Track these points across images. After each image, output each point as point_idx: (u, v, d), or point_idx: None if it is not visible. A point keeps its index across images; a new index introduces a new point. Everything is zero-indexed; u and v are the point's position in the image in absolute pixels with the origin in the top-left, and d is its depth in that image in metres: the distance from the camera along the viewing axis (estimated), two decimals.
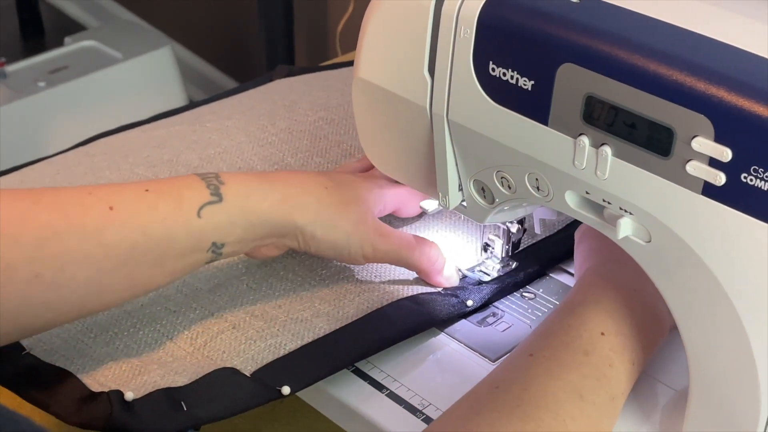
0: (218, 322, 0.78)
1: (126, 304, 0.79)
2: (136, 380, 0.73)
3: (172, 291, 0.81)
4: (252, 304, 0.80)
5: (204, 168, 0.93)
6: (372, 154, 0.81)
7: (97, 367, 0.74)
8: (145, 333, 0.78)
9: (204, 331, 0.78)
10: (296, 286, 0.82)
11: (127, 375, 0.74)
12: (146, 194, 0.73)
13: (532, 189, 0.69)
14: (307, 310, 0.80)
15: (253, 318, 0.79)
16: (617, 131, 0.62)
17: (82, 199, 0.71)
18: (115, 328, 0.78)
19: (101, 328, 0.78)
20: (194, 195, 0.73)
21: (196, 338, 0.77)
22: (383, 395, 0.75)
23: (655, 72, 0.60)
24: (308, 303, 0.81)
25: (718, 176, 0.59)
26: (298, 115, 1.00)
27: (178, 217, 0.72)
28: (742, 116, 0.57)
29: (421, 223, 0.89)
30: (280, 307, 0.80)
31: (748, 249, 0.59)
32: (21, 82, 2.00)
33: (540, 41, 0.64)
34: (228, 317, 0.79)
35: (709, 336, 0.64)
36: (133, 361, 0.75)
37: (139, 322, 0.79)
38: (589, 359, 0.69)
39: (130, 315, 0.79)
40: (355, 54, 0.77)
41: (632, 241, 0.65)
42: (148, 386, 0.72)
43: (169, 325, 0.79)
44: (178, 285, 0.82)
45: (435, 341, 0.79)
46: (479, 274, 0.84)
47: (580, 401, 0.67)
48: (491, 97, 0.68)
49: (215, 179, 0.75)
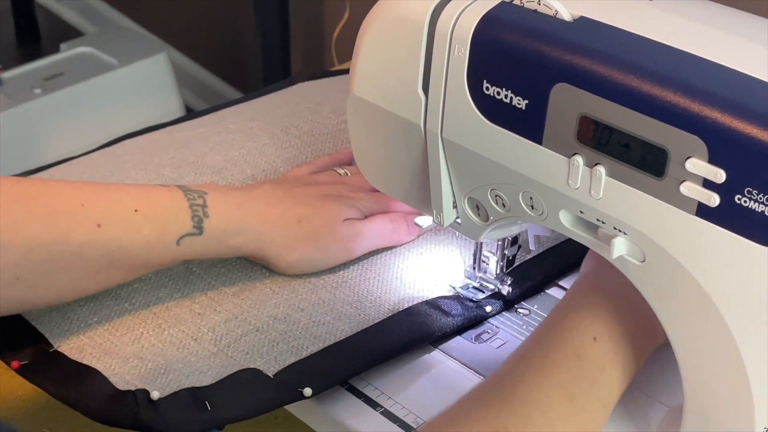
0: (242, 324, 0.80)
1: (152, 305, 0.82)
2: (161, 379, 0.74)
3: (198, 293, 0.83)
4: (275, 308, 0.81)
5: (228, 170, 0.94)
6: (367, 170, 0.81)
7: (124, 365, 0.75)
8: (170, 333, 0.79)
9: (228, 333, 0.79)
10: (318, 289, 0.84)
11: (153, 374, 0.74)
12: (134, 215, 0.78)
13: (527, 207, 0.69)
14: (329, 313, 0.81)
15: (275, 321, 0.80)
16: (611, 151, 0.62)
17: (74, 212, 0.76)
18: (141, 327, 0.80)
19: (127, 328, 0.79)
20: (178, 225, 0.79)
21: (220, 340, 0.78)
22: (377, 413, 0.75)
23: (649, 92, 0.60)
24: (330, 306, 0.82)
25: (712, 197, 0.59)
26: (321, 117, 1.02)
27: (158, 243, 0.79)
28: (737, 138, 0.57)
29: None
30: (302, 310, 0.81)
31: (741, 270, 0.59)
32: (17, 88, 2.00)
33: (534, 61, 0.64)
34: (251, 320, 0.80)
35: (702, 354, 0.64)
36: (158, 360, 0.76)
37: (164, 322, 0.80)
38: (580, 363, 0.69)
39: (156, 315, 0.81)
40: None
41: (626, 261, 0.65)
42: (173, 385, 0.73)
43: (193, 326, 0.80)
44: (203, 287, 0.84)
45: (429, 358, 0.79)
46: (473, 291, 0.84)
47: (569, 403, 0.67)
48: (485, 116, 0.68)
49: (201, 210, 0.79)
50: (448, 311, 0.81)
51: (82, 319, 0.80)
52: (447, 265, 0.87)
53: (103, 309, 0.81)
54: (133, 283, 0.83)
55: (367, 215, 0.88)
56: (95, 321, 0.80)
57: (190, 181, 0.93)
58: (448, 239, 0.89)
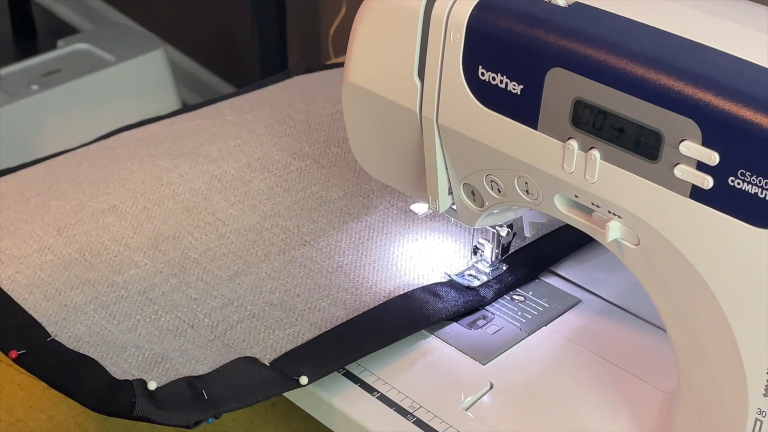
0: (238, 310, 0.80)
1: (148, 292, 0.82)
2: (158, 368, 0.74)
3: (193, 278, 0.83)
4: (271, 293, 0.82)
5: (224, 159, 0.95)
6: (362, 157, 0.81)
7: (121, 354, 0.76)
8: (166, 320, 0.79)
9: (224, 319, 0.79)
10: (314, 274, 0.84)
11: (150, 362, 0.75)
12: None
13: (522, 192, 0.70)
14: (325, 299, 0.81)
15: (271, 307, 0.80)
16: (606, 135, 0.63)
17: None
18: (138, 315, 0.80)
19: (124, 315, 0.80)
20: None
21: (217, 326, 0.79)
22: (374, 398, 0.75)
23: (643, 76, 0.60)
24: (326, 291, 0.82)
25: (705, 180, 0.59)
26: (316, 108, 1.02)
27: None
28: (730, 120, 0.57)
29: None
30: (298, 296, 0.81)
31: (735, 252, 0.60)
32: (14, 85, 2.00)
33: (529, 46, 0.65)
34: (248, 306, 0.80)
35: (696, 338, 0.64)
36: (155, 349, 0.76)
37: (161, 309, 0.80)
38: None
39: (152, 302, 0.81)
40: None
41: (621, 244, 0.66)
42: (170, 374, 0.73)
43: (190, 312, 0.80)
44: (199, 273, 0.84)
45: (425, 344, 0.80)
46: (469, 278, 0.84)
47: None
48: (481, 102, 0.68)
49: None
50: (443, 297, 0.81)
51: (80, 307, 0.80)
52: (443, 252, 0.87)
53: (100, 296, 0.81)
54: (129, 270, 0.84)
55: None
56: (92, 309, 0.80)
57: (185, 170, 0.93)
58: (444, 226, 0.89)
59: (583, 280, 0.86)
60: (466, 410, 0.74)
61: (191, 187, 0.92)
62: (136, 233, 0.88)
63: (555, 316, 0.82)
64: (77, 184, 0.93)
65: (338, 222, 0.90)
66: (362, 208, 0.91)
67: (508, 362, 0.78)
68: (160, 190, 0.92)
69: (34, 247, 0.86)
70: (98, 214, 0.89)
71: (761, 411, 0.62)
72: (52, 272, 0.83)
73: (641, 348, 0.79)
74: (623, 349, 0.79)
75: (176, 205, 0.90)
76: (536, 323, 0.81)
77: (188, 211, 0.90)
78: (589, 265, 0.87)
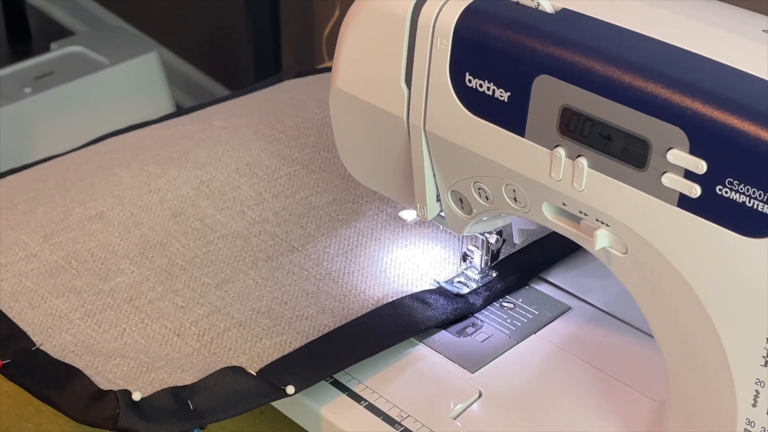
0: (225, 319, 0.79)
1: (134, 299, 0.81)
2: (143, 378, 0.73)
3: (180, 286, 0.83)
4: (258, 301, 0.81)
5: (212, 165, 0.94)
6: (350, 164, 0.81)
7: (106, 363, 0.75)
8: (153, 329, 0.79)
9: (211, 327, 0.79)
10: (302, 281, 0.83)
11: (135, 372, 0.74)
12: None
13: (510, 200, 0.69)
14: (313, 306, 0.81)
15: (259, 315, 0.80)
16: (593, 143, 0.62)
17: None
18: (124, 323, 0.79)
19: (110, 324, 0.79)
20: None
21: (203, 335, 0.78)
22: (362, 407, 0.75)
23: (630, 84, 0.60)
24: (314, 299, 0.81)
25: (693, 188, 0.59)
26: (306, 113, 1.02)
27: None
28: (718, 129, 0.57)
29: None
30: (286, 303, 0.81)
31: (723, 260, 0.59)
32: (7, 87, 1.99)
33: (516, 53, 0.64)
34: (234, 314, 0.80)
35: (686, 345, 0.64)
36: (141, 358, 0.75)
37: (147, 317, 0.80)
38: None
39: (139, 310, 0.80)
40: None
41: (609, 253, 0.65)
42: (155, 384, 0.72)
43: (176, 320, 0.79)
44: (186, 280, 0.83)
45: (413, 352, 0.79)
46: (458, 286, 0.84)
47: None
48: (468, 109, 0.68)
49: None
50: (432, 305, 0.81)
51: (65, 315, 0.79)
52: (432, 259, 0.86)
53: (86, 304, 0.80)
54: (116, 277, 0.83)
55: None
56: (77, 317, 0.79)
57: (173, 176, 0.93)
58: (433, 232, 0.89)
59: (573, 287, 0.85)
60: (454, 419, 0.74)
61: (179, 193, 0.92)
62: (123, 240, 0.87)
63: (545, 324, 0.82)
64: (65, 191, 0.93)
65: (327, 228, 0.89)
66: (351, 214, 0.91)
67: (498, 370, 0.78)
68: (148, 196, 0.91)
69: (19, 254, 0.85)
70: (85, 221, 0.89)
71: (750, 421, 0.62)
72: (38, 280, 0.83)
73: (631, 356, 0.79)
74: (613, 356, 0.79)
75: (164, 212, 0.90)
76: (526, 331, 0.81)
77: (176, 217, 0.89)
78: (579, 271, 0.87)
